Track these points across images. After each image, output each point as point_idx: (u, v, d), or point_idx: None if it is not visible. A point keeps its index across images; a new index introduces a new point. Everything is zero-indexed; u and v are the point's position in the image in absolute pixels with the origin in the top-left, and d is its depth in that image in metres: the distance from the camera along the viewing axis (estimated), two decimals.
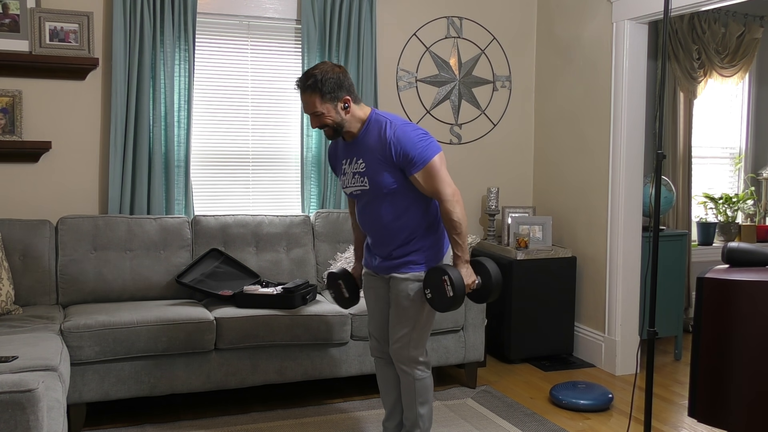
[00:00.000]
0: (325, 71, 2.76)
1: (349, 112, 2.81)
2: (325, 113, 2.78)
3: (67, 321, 3.39)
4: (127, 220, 3.98)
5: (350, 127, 2.84)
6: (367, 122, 2.85)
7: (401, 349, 2.94)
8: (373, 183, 2.82)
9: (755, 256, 2.70)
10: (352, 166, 2.88)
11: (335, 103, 2.77)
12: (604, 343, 4.54)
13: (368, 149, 2.82)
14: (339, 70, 2.79)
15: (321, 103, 2.76)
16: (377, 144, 2.79)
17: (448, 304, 2.78)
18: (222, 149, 4.44)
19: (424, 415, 3.00)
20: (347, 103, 2.80)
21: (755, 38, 5.46)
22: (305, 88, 2.77)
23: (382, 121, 2.82)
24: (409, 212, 2.86)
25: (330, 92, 2.75)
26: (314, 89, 2.75)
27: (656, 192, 2.89)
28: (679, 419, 3.77)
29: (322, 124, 2.82)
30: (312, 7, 4.37)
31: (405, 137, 2.76)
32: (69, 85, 4.06)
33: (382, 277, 3.00)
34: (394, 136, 2.76)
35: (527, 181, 5.20)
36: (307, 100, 2.78)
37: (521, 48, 5.10)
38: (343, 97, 2.78)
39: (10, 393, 2.09)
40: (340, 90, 2.77)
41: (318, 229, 4.34)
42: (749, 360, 2.52)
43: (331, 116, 2.79)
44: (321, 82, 2.73)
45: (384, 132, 2.78)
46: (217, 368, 3.59)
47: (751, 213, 5.81)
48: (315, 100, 2.76)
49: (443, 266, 2.80)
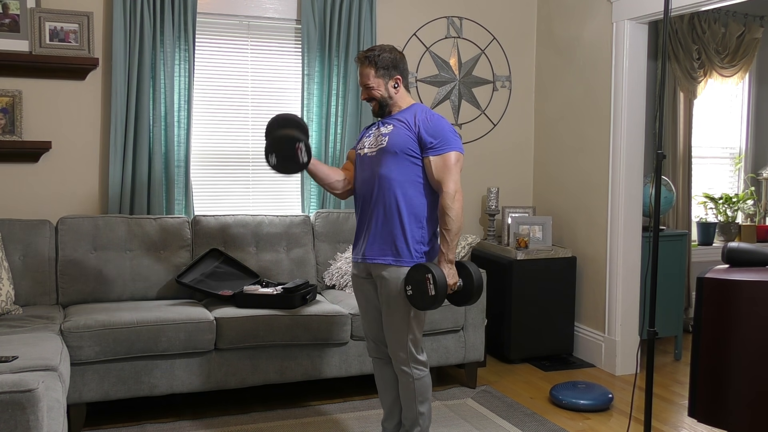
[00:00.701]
0: (384, 49, 2.98)
1: (398, 92, 2.99)
2: (375, 87, 2.96)
3: (67, 321, 3.39)
4: (127, 220, 3.98)
5: (395, 106, 3.00)
6: (409, 106, 3.01)
7: (398, 350, 2.95)
8: (391, 141, 2.91)
9: (755, 256, 2.70)
10: (380, 130, 2.99)
11: (387, 79, 2.96)
12: (604, 343, 4.54)
13: (400, 121, 2.96)
14: (398, 53, 3.01)
15: (374, 77, 2.95)
16: (409, 121, 2.94)
17: (428, 302, 2.75)
18: (222, 149, 4.44)
19: (423, 414, 3.01)
20: (397, 83, 2.99)
21: (755, 38, 5.46)
22: (364, 59, 2.97)
23: (421, 109, 2.99)
24: (413, 197, 2.89)
25: (384, 68, 2.95)
26: (371, 62, 2.94)
27: (656, 192, 2.89)
28: (679, 419, 3.77)
29: (370, 97, 2.99)
30: (312, 7, 4.37)
31: (438, 123, 2.92)
32: (69, 85, 4.06)
33: (369, 279, 2.99)
34: (427, 118, 2.92)
35: (527, 181, 5.20)
36: (363, 71, 2.97)
37: (521, 48, 5.10)
38: (395, 76, 2.98)
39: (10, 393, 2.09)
40: (395, 69, 2.97)
41: (318, 229, 4.34)
42: (749, 360, 2.52)
43: (380, 90, 2.96)
44: (379, 57, 2.94)
45: (419, 113, 2.95)
46: (217, 368, 3.59)
47: (751, 213, 5.81)
48: (370, 72, 2.95)
49: (427, 264, 2.80)
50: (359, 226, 3.03)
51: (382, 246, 2.90)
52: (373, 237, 2.93)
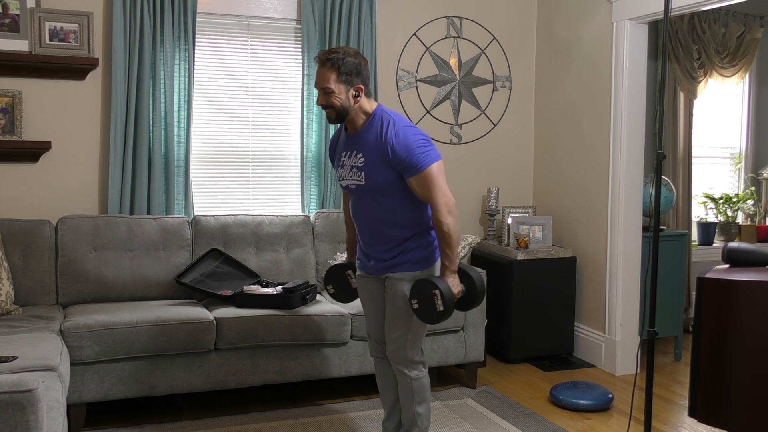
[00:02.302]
0: (348, 53, 2.78)
1: (359, 102, 2.82)
2: (335, 92, 2.77)
3: (67, 321, 3.39)
4: (127, 220, 3.98)
5: (355, 117, 2.84)
6: (371, 117, 2.84)
7: (398, 349, 2.95)
8: (369, 179, 2.82)
9: (755, 256, 2.70)
10: (351, 159, 2.87)
11: (348, 86, 2.78)
12: (604, 343, 4.53)
13: (368, 145, 2.81)
14: (362, 59, 2.82)
15: (335, 82, 2.76)
16: (377, 141, 2.79)
17: (438, 317, 2.77)
18: (222, 149, 4.44)
19: (422, 415, 3.00)
20: (359, 92, 2.80)
21: (755, 38, 5.46)
22: (325, 61, 2.77)
23: (385, 119, 2.81)
24: (403, 212, 2.85)
25: (346, 73, 2.76)
26: (333, 65, 2.75)
27: (656, 192, 2.89)
28: (679, 419, 3.77)
29: (328, 103, 2.80)
30: (312, 7, 4.37)
31: (405, 140, 2.75)
32: (69, 85, 4.06)
33: (376, 278, 2.99)
34: (395, 137, 2.75)
35: (527, 181, 5.20)
36: (323, 74, 2.78)
37: (521, 48, 5.10)
38: (357, 84, 2.79)
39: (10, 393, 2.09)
40: (357, 76, 2.78)
41: (318, 229, 4.34)
42: (749, 360, 2.52)
43: (340, 98, 2.78)
44: (342, 61, 2.75)
45: (386, 131, 2.78)
46: (217, 368, 3.59)
47: (751, 213, 5.81)
48: (331, 76, 2.76)
49: (433, 279, 2.79)
50: (360, 238, 3.01)
51: (388, 261, 2.90)
52: (377, 253, 2.92)
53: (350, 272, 3.19)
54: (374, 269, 2.97)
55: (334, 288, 3.24)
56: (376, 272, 2.97)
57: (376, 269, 2.96)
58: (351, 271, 3.19)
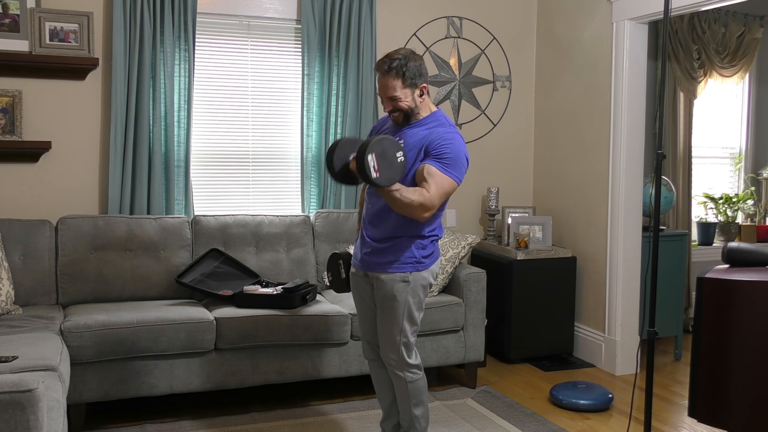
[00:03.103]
0: (408, 57, 2.78)
1: (423, 100, 2.85)
2: (402, 98, 2.78)
3: (67, 321, 3.39)
4: (127, 220, 3.98)
5: (418, 114, 2.86)
6: (432, 114, 2.88)
7: (390, 352, 2.93)
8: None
9: (755, 256, 2.70)
10: None
11: (414, 89, 2.80)
12: (604, 343, 4.54)
13: (415, 138, 2.83)
14: (420, 58, 2.84)
15: (401, 88, 2.77)
16: (425, 134, 2.81)
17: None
18: (222, 149, 4.44)
19: (419, 417, 2.99)
20: (423, 91, 2.83)
21: (755, 38, 5.46)
22: (389, 71, 2.77)
23: (443, 122, 2.86)
24: None
25: (412, 78, 2.77)
26: (398, 73, 2.76)
27: (656, 192, 2.89)
28: (679, 419, 3.77)
29: (395, 108, 2.82)
30: (312, 7, 4.37)
31: (454, 145, 2.79)
32: (69, 85, 4.06)
33: (366, 278, 2.98)
34: (445, 135, 2.79)
35: (527, 181, 5.20)
36: (389, 83, 2.77)
37: (521, 48, 5.10)
38: (421, 84, 2.81)
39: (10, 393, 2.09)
40: (421, 77, 2.80)
41: (318, 229, 4.34)
42: (749, 360, 2.52)
43: (407, 101, 2.80)
44: (405, 67, 2.76)
45: (439, 129, 2.81)
46: (217, 368, 3.59)
47: (751, 213, 5.81)
48: (396, 84, 2.76)
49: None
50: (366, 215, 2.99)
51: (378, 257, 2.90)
52: (374, 233, 2.92)
53: (341, 262, 3.16)
54: (363, 262, 2.95)
55: (331, 276, 3.23)
56: (364, 266, 2.95)
57: (365, 262, 2.94)
58: (342, 261, 3.16)
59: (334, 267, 3.21)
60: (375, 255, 2.91)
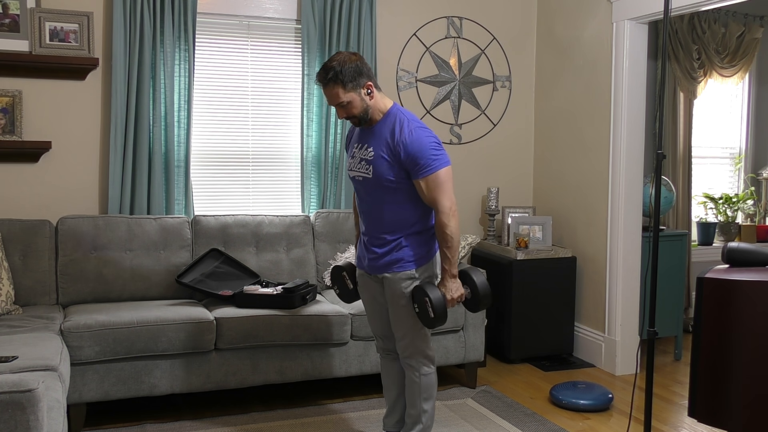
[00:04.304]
0: (342, 61, 2.77)
1: (373, 97, 2.83)
2: (350, 102, 2.79)
3: (67, 321, 3.39)
4: (127, 220, 3.98)
5: (374, 114, 2.85)
6: (387, 114, 2.86)
7: (407, 346, 2.98)
8: (375, 173, 2.84)
9: (755, 256, 2.70)
10: (362, 152, 2.90)
11: (358, 90, 2.79)
12: (604, 343, 4.54)
13: (380, 140, 2.84)
14: (356, 58, 2.80)
15: (344, 93, 2.77)
16: (390, 139, 2.81)
17: (430, 322, 2.85)
18: (222, 149, 4.44)
19: (428, 411, 3.03)
20: (370, 89, 2.81)
21: (755, 38, 5.46)
22: (327, 82, 2.77)
23: (400, 118, 2.84)
24: (403, 208, 2.87)
25: (351, 80, 2.76)
26: (336, 80, 2.75)
27: (656, 192, 2.89)
28: (679, 419, 3.77)
29: (348, 115, 2.83)
30: (312, 7, 4.37)
31: (418, 142, 2.77)
32: (69, 85, 4.06)
33: (374, 276, 3.00)
34: (408, 137, 2.77)
35: (527, 181, 5.20)
36: (330, 92, 2.79)
37: (521, 48, 5.10)
38: (365, 83, 2.79)
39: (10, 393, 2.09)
40: (361, 76, 2.78)
41: (318, 229, 4.34)
42: (749, 360, 2.52)
43: (356, 105, 2.80)
44: (341, 73, 2.74)
45: (400, 130, 2.80)
46: (217, 368, 3.59)
47: (751, 213, 5.81)
48: (338, 91, 2.76)
49: (425, 287, 2.83)
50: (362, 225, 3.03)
51: (383, 259, 2.92)
52: (374, 243, 2.94)
53: (345, 274, 3.21)
54: (369, 267, 2.99)
55: (339, 288, 3.27)
56: (371, 270, 2.99)
57: (371, 267, 2.98)
58: (346, 273, 3.21)
59: (339, 280, 3.24)
60: (379, 259, 2.93)
